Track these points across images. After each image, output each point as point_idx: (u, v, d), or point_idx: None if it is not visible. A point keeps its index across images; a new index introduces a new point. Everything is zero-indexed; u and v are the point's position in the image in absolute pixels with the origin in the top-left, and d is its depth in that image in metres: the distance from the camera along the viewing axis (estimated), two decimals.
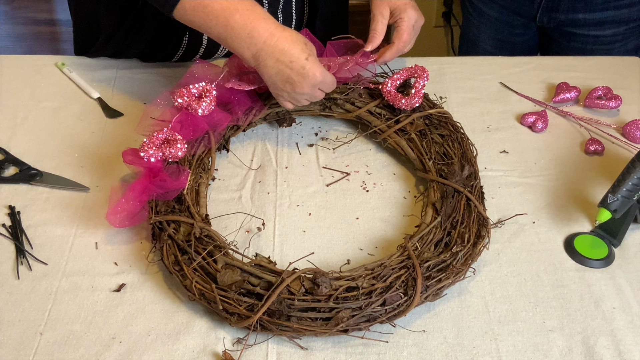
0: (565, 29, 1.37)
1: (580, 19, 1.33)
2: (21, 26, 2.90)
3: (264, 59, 0.89)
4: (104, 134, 1.05)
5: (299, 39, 0.90)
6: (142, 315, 0.80)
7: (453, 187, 0.90)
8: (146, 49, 1.17)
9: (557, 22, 1.36)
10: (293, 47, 0.89)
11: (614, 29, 1.34)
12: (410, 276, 0.78)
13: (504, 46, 1.47)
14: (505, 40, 1.47)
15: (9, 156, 1.00)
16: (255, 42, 0.88)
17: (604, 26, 1.34)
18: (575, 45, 1.38)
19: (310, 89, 0.92)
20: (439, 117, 1.02)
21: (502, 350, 0.77)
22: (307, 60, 0.89)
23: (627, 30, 1.35)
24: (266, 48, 0.88)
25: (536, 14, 1.37)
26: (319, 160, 1.03)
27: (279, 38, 0.88)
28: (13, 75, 1.16)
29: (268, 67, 0.90)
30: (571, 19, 1.34)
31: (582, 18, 1.33)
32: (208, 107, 0.94)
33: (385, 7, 1.02)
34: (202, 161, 0.95)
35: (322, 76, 0.91)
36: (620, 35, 1.35)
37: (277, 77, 0.90)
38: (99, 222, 0.90)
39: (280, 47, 0.88)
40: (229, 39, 0.89)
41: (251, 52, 0.89)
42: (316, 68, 0.90)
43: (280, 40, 0.88)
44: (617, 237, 0.90)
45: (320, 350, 0.77)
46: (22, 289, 0.82)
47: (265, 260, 0.81)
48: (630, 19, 1.33)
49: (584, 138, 1.08)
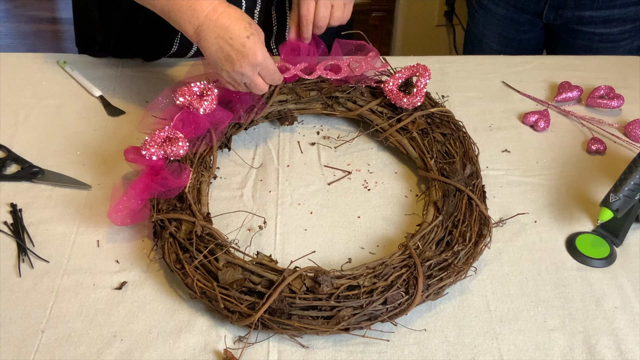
0: (572, 26, 1.37)
1: (586, 16, 1.33)
2: (23, 24, 2.90)
3: (205, 33, 0.87)
4: (106, 132, 1.05)
5: (243, 17, 0.88)
6: (143, 313, 0.80)
7: (455, 186, 0.90)
8: (145, 48, 1.17)
9: (564, 19, 1.36)
10: (235, 23, 0.86)
11: (621, 27, 1.34)
12: (411, 275, 0.78)
13: (510, 44, 1.47)
14: (511, 38, 1.46)
15: (11, 154, 1.00)
16: (197, 16, 0.86)
17: (610, 24, 1.33)
18: (581, 42, 1.38)
19: (249, 69, 0.88)
20: (440, 115, 1.02)
21: (504, 350, 0.77)
22: (248, 38, 0.86)
23: (634, 28, 1.34)
24: (207, 22, 0.86)
25: (542, 11, 1.37)
26: (321, 158, 1.03)
27: (221, 13, 0.86)
28: (15, 73, 1.17)
29: (208, 43, 0.87)
30: (578, 16, 1.34)
31: (589, 15, 1.33)
32: (209, 106, 0.94)
33: None
34: (203, 159, 0.95)
35: (262, 58, 0.88)
36: (627, 33, 1.35)
37: (217, 54, 0.88)
38: (101, 220, 0.90)
39: (221, 23, 0.86)
40: (172, 13, 0.87)
41: (193, 26, 0.87)
42: (257, 48, 0.87)
43: (223, 16, 0.86)
44: (618, 237, 0.89)
45: (321, 348, 0.77)
46: (23, 287, 0.82)
47: (266, 258, 0.81)
48: (637, 17, 1.32)
49: (586, 137, 1.08)
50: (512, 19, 1.42)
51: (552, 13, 1.36)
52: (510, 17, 1.42)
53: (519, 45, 1.47)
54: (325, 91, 1.05)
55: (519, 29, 1.44)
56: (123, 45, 1.16)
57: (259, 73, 0.91)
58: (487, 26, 1.48)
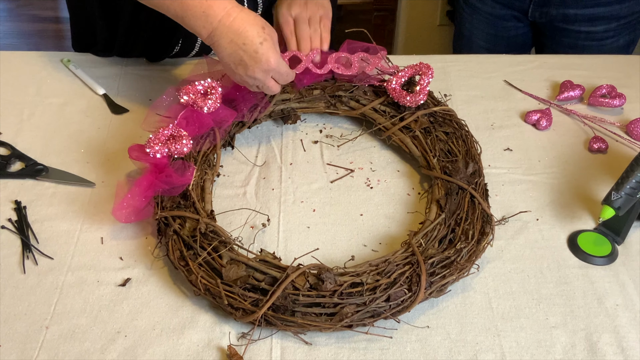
0: (557, 24, 1.39)
1: (571, 14, 1.35)
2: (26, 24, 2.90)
3: (218, 38, 0.87)
4: (110, 130, 1.06)
5: (256, 21, 0.88)
6: (147, 310, 0.80)
7: (457, 185, 0.90)
8: (148, 48, 1.17)
9: (549, 17, 1.38)
10: (249, 29, 0.86)
11: (606, 25, 1.35)
12: (414, 272, 0.79)
13: (498, 42, 1.48)
14: (499, 36, 1.48)
15: (15, 151, 1.00)
16: (210, 21, 0.86)
17: (595, 22, 1.35)
18: (567, 40, 1.40)
19: (262, 74, 0.89)
20: (443, 114, 1.02)
21: (505, 347, 0.78)
22: (262, 44, 0.87)
23: (618, 26, 1.36)
24: (221, 27, 0.86)
25: (528, 9, 1.38)
26: (324, 157, 1.03)
27: (235, 18, 0.86)
28: (19, 71, 1.17)
29: (222, 47, 0.88)
30: (562, 14, 1.35)
31: (573, 14, 1.34)
32: (213, 104, 0.95)
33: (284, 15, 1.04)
34: (207, 157, 0.95)
35: (276, 64, 0.89)
36: (612, 32, 1.36)
37: (230, 58, 0.88)
38: (105, 218, 0.90)
39: (235, 28, 0.86)
40: (186, 18, 0.87)
41: (207, 30, 0.87)
42: (270, 54, 0.88)
43: (236, 21, 0.86)
44: (620, 235, 0.90)
45: (324, 345, 0.77)
46: (28, 283, 0.83)
47: (270, 255, 0.81)
48: (621, 15, 1.34)
49: (588, 136, 1.08)
50: (499, 16, 1.44)
51: (537, 11, 1.38)
52: (497, 15, 1.44)
53: (507, 43, 1.48)
54: (329, 90, 1.06)
55: (506, 26, 1.45)
56: (127, 46, 1.17)
57: (272, 76, 0.92)
58: (474, 24, 1.50)
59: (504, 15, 1.43)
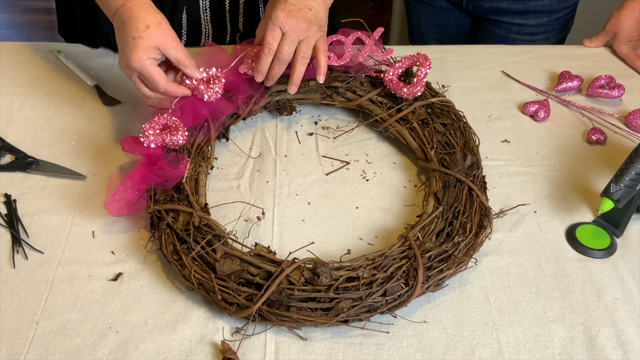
0: (490, 17, 1.39)
1: (503, 8, 1.35)
2: (19, 15, 2.88)
3: (114, 23, 0.90)
4: (101, 122, 1.04)
5: (142, 15, 0.87)
6: (139, 305, 0.79)
7: (455, 177, 0.89)
8: None
9: (483, 10, 1.38)
10: (131, 21, 0.87)
11: (537, 19, 1.36)
12: (411, 266, 0.77)
13: (445, 32, 1.49)
14: (445, 26, 1.49)
15: (5, 144, 0.99)
16: (112, 6, 0.90)
17: (527, 15, 1.36)
18: (499, 32, 1.40)
19: (125, 69, 0.89)
20: (441, 106, 1.01)
21: (503, 341, 0.77)
22: (134, 39, 0.86)
23: (550, 22, 1.36)
24: (117, 14, 0.89)
25: (462, 1, 1.39)
26: (319, 149, 1.02)
27: (128, 8, 0.88)
28: (9, 62, 1.15)
29: (116, 32, 0.90)
30: (495, 7, 1.36)
31: (506, 7, 1.35)
32: (214, 95, 0.93)
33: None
34: (201, 150, 0.94)
35: (139, 65, 0.86)
36: (543, 27, 1.37)
37: (118, 43, 0.90)
38: (96, 211, 0.89)
39: (123, 17, 0.88)
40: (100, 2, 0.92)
41: (110, 16, 0.91)
42: (136, 53, 0.86)
43: (126, 11, 0.88)
44: (619, 227, 0.89)
45: (320, 340, 0.76)
46: (18, 278, 0.81)
47: (264, 249, 0.80)
48: (552, 10, 1.35)
49: (586, 127, 1.07)
50: (440, 7, 1.45)
51: (470, 3, 1.39)
52: (438, 5, 1.45)
53: (456, 34, 1.49)
54: (325, 81, 1.04)
55: (450, 16, 1.46)
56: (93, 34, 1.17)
57: (139, 77, 0.90)
58: (420, 16, 1.51)
59: (445, 7, 1.44)
